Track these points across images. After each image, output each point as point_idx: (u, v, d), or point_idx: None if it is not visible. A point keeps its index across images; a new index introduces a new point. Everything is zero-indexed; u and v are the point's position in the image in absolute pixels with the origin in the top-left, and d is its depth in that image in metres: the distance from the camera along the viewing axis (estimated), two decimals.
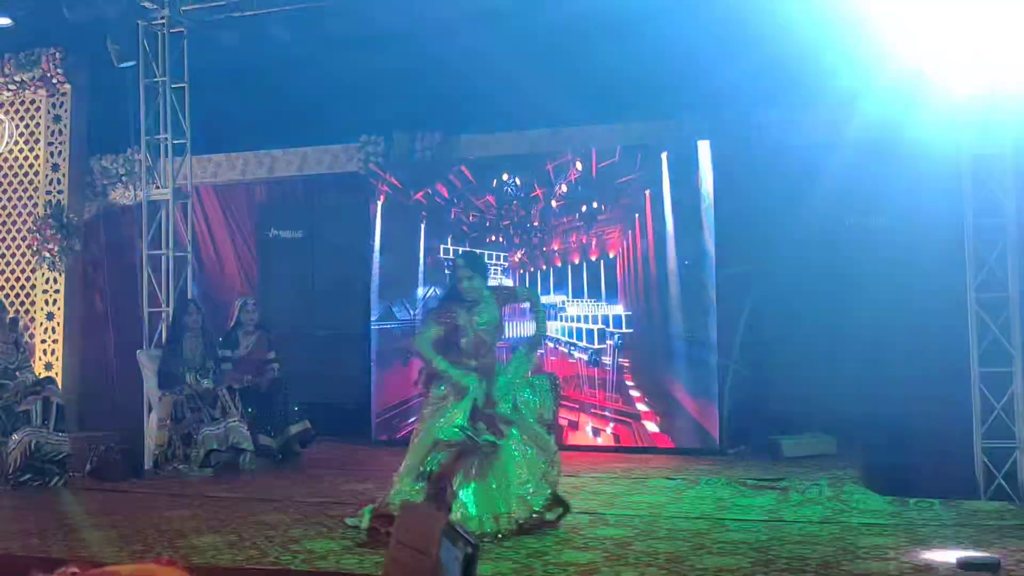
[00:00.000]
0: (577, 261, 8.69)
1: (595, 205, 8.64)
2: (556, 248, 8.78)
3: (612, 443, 8.44)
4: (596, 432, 8.52)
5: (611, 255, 8.59)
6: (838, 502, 6.00)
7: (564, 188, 8.75)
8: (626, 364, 8.48)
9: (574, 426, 8.57)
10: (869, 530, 5.28)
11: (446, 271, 8.53)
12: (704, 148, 8.39)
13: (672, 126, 8.94)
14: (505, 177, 8.94)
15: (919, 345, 8.12)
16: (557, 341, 8.67)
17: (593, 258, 8.64)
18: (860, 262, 8.11)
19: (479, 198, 9.01)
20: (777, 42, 8.47)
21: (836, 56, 8.24)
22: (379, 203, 9.19)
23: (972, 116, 7.13)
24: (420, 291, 9.08)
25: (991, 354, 7.68)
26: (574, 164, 8.73)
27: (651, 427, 8.34)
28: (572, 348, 8.65)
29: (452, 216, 9.07)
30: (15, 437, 6.94)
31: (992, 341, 7.68)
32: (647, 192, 8.47)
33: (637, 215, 8.49)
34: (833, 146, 8.54)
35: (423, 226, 9.10)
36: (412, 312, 9.02)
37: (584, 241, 8.68)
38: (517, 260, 8.92)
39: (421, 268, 9.09)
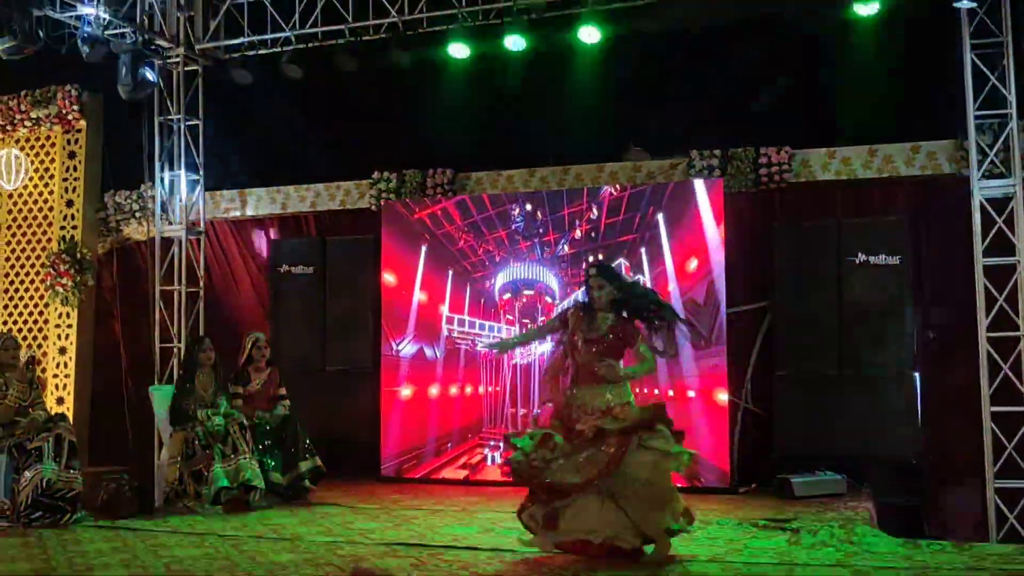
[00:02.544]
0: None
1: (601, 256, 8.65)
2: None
3: None
4: None
5: None
6: (849, 544, 5.96)
7: (578, 233, 8.78)
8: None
9: None
10: (881, 573, 5.25)
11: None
12: (712, 186, 8.41)
13: (681, 164, 9.00)
14: (516, 213, 8.98)
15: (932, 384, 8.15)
16: None
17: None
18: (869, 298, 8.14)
19: (492, 232, 9.04)
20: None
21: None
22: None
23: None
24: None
25: (1002, 393, 7.70)
26: (590, 209, 8.73)
27: None
28: None
29: (458, 248, 9.13)
30: (27, 475, 6.95)
31: (1004, 380, 7.69)
32: (653, 231, 8.47)
33: (644, 251, 8.50)
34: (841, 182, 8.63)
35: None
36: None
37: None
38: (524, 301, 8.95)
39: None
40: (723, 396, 8.14)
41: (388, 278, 9.31)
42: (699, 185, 8.44)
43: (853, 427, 7.99)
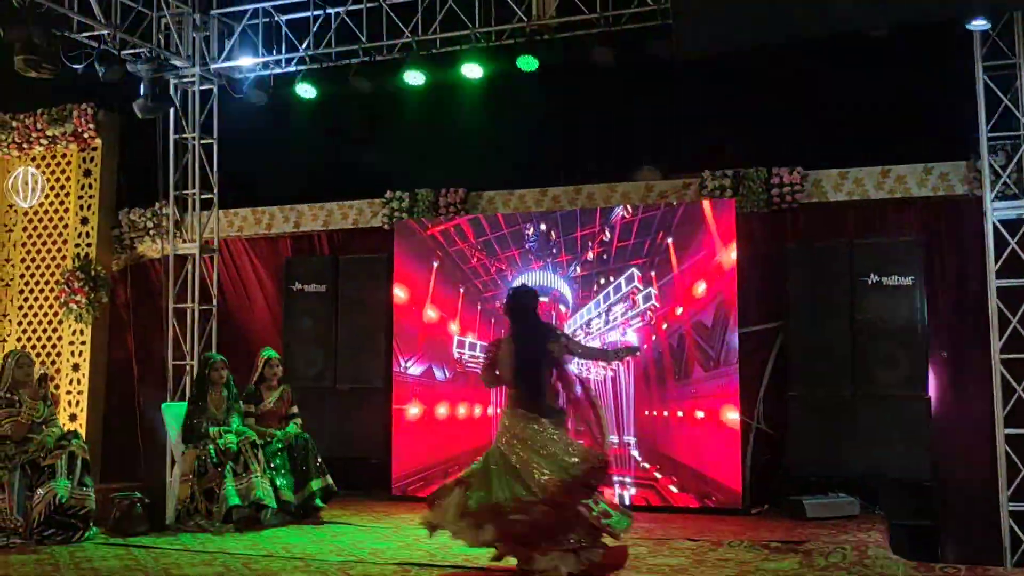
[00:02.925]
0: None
1: (611, 278, 8.66)
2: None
3: (634, 502, 8.39)
4: (619, 487, 8.48)
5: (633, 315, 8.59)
6: (862, 567, 5.93)
7: (590, 255, 8.79)
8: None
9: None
10: None
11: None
12: (724, 206, 8.42)
13: (693, 184, 9.02)
14: (529, 231, 9.00)
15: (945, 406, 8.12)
16: None
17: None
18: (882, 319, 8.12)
19: (505, 251, 9.06)
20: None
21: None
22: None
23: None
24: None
25: (1016, 415, 7.65)
26: (603, 231, 8.74)
27: (673, 487, 8.29)
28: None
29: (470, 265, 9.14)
30: (40, 492, 6.98)
31: (1017, 402, 7.65)
32: (663, 255, 8.47)
33: (654, 273, 8.50)
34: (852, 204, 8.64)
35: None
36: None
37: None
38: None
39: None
40: (734, 416, 8.11)
41: (399, 294, 9.33)
42: (708, 207, 8.44)
43: (866, 448, 7.95)
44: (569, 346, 6.06)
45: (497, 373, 6.00)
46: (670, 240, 8.47)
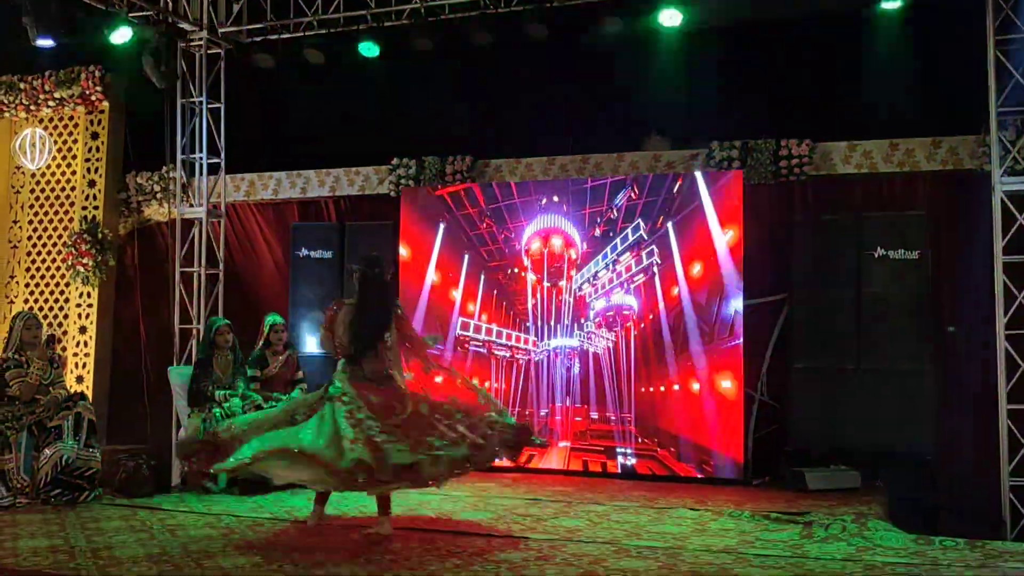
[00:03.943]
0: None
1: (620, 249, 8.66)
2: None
3: (637, 470, 8.44)
4: (621, 458, 8.53)
5: (639, 284, 8.60)
6: (861, 539, 5.97)
7: (597, 232, 8.78)
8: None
9: (601, 453, 8.60)
10: (892, 569, 5.25)
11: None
12: (731, 177, 8.41)
13: (701, 155, 8.99)
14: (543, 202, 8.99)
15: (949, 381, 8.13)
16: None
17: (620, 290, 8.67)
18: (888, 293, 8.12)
19: (514, 221, 9.05)
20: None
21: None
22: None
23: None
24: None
25: (1020, 391, 7.66)
26: (610, 211, 8.73)
27: (674, 458, 8.33)
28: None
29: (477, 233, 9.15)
30: (46, 452, 7.04)
31: (1021, 377, 7.66)
32: (672, 223, 8.46)
33: (656, 251, 8.49)
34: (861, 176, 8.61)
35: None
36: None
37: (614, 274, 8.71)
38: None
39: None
40: (734, 388, 8.13)
41: (403, 252, 9.32)
42: (702, 185, 8.40)
43: (869, 422, 7.98)
44: (401, 326, 6.16)
45: (333, 337, 6.11)
46: (671, 224, 8.47)
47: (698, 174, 8.51)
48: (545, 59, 9.16)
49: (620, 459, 8.49)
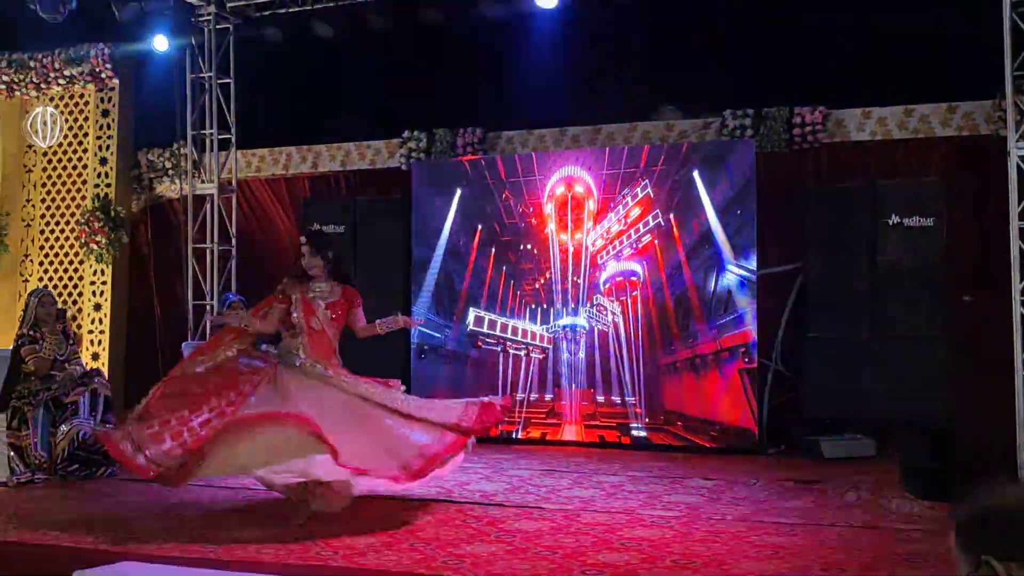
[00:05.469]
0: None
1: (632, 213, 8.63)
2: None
3: (652, 440, 8.44)
4: (635, 431, 8.53)
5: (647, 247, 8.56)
6: (877, 507, 5.96)
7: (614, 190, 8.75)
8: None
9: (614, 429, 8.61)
10: (908, 535, 5.25)
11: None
12: (744, 146, 8.35)
13: (714, 124, 8.93)
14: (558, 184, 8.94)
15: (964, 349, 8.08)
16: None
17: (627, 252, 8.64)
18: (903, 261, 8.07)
19: (533, 198, 8.99)
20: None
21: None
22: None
23: None
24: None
25: None
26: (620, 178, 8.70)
27: (688, 430, 8.32)
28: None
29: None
30: (63, 428, 7.08)
31: None
32: (684, 191, 8.41)
33: (674, 216, 8.44)
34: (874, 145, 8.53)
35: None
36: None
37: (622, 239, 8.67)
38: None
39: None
40: (749, 357, 8.10)
41: (414, 226, 9.30)
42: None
43: (884, 390, 7.94)
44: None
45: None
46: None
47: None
48: (556, 29, 9.09)
49: (634, 432, 8.48)
